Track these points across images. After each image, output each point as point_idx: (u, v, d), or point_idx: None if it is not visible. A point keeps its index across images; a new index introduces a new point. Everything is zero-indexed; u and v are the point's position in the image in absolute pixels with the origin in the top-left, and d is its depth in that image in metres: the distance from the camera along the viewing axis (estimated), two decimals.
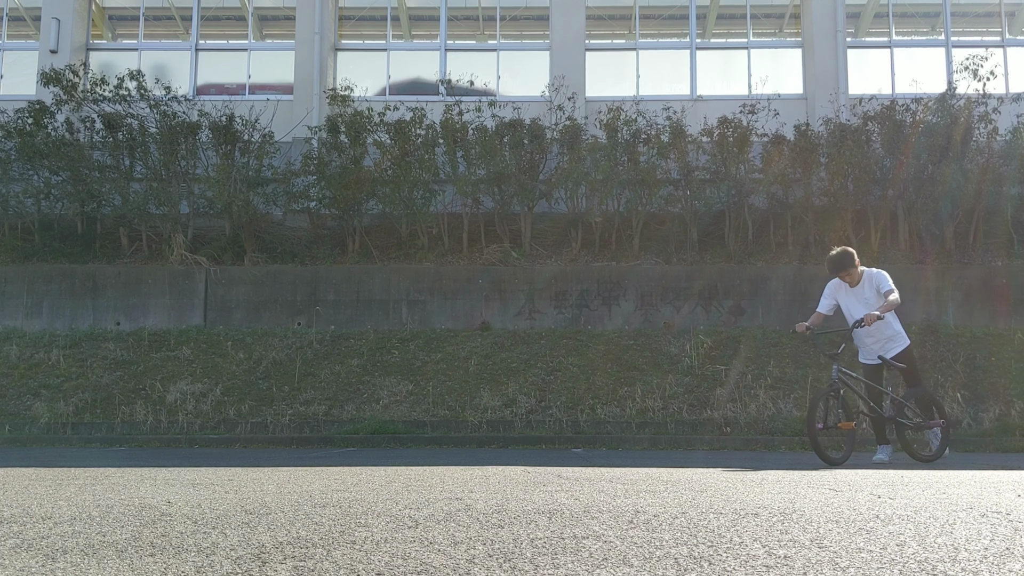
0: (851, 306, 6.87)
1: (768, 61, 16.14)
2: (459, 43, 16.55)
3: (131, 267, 12.17)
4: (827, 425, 6.44)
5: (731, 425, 9.27)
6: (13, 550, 2.39)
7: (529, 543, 2.49)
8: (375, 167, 12.46)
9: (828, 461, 6.29)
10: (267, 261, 12.38)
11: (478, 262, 12.25)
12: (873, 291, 6.77)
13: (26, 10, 17.13)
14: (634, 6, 16.54)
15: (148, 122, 12.63)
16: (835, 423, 6.49)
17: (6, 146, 12.46)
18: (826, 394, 6.56)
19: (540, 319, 11.56)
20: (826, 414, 6.50)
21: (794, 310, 11.36)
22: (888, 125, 12.26)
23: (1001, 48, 15.75)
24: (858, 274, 6.82)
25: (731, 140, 12.30)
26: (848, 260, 6.78)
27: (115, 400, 10.00)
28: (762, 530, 2.75)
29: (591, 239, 12.49)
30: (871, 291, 6.78)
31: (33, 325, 11.66)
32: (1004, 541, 2.56)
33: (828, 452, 6.37)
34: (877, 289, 6.75)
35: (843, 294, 6.90)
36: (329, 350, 11.00)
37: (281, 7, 17.01)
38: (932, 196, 12.07)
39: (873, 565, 2.18)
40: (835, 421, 6.49)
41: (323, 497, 3.73)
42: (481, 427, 9.39)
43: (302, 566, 2.16)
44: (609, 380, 10.16)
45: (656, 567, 2.14)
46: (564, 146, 12.51)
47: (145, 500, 3.60)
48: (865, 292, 6.80)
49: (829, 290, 6.99)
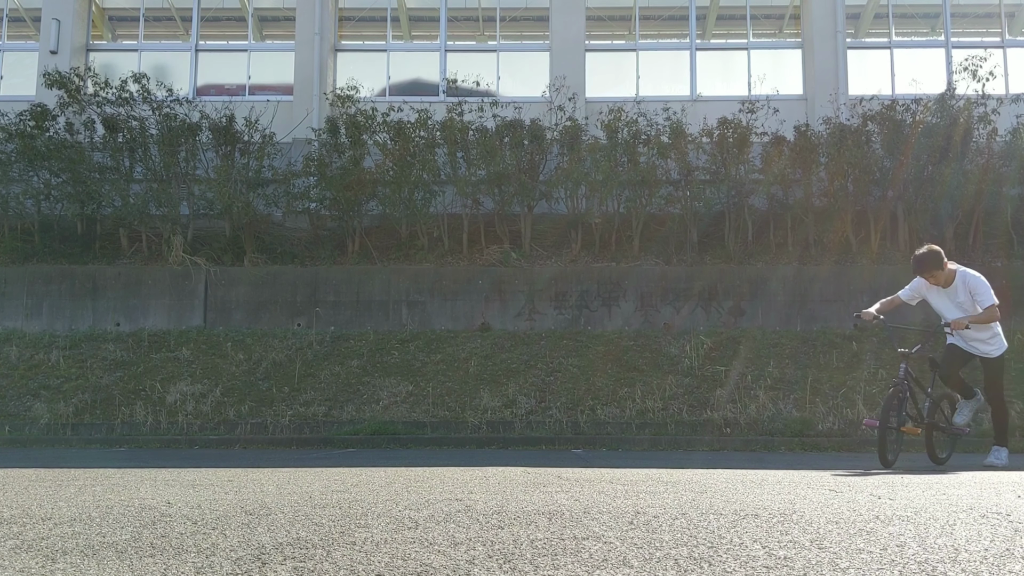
0: (942, 307, 6.49)
1: (768, 61, 16.14)
2: (459, 44, 16.56)
3: (131, 268, 12.17)
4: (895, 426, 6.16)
5: (731, 426, 9.26)
6: (13, 551, 2.39)
7: (529, 544, 2.49)
8: (375, 168, 12.47)
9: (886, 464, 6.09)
10: (267, 262, 12.37)
11: (478, 263, 12.25)
12: (967, 296, 6.37)
13: (26, 11, 17.13)
14: (634, 7, 16.54)
15: (149, 123, 12.63)
16: (899, 426, 6.19)
17: (7, 148, 12.46)
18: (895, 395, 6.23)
19: (540, 320, 11.56)
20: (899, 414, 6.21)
21: (794, 311, 11.36)
22: (888, 126, 12.26)
23: (1001, 49, 15.76)
24: (947, 275, 6.37)
25: (731, 140, 12.30)
26: (933, 262, 6.31)
27: (115, 401, 10.00)
28: (762, 531, 2.75)
29: (591, 240, 12.49)
30: (965, 295, 6.37)
31: (33, 326, 11.65)
32: (1004, 542, 2.56)
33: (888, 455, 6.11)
34: (971, 295, 6.34)
35: (933, 294, 6.50)
36: (329, 351, 11.00)
37: (281, 8, 17.01)
38: (932, 197, 12.06)
39: (873, 566, 2.18)
40: (899, 423, 6.19)
41: (323, 498, 3.73)
42: (481, 428, 9.39)
43: (302, 567, 2.16)
44: (609, 381, 10.16)
45: (656, 568, 2.14)
46: (564, 146, 12.50)
47: (145, 501, 3.60)
48: (959, 296, 6.39)
49: (916, 283, 6.54)
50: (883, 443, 6.06)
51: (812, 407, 9.42)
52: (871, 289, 11.35)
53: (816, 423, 9.18)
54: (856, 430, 9.02)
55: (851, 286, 11.42)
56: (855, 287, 11.40)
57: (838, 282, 11.50)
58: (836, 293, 11.42)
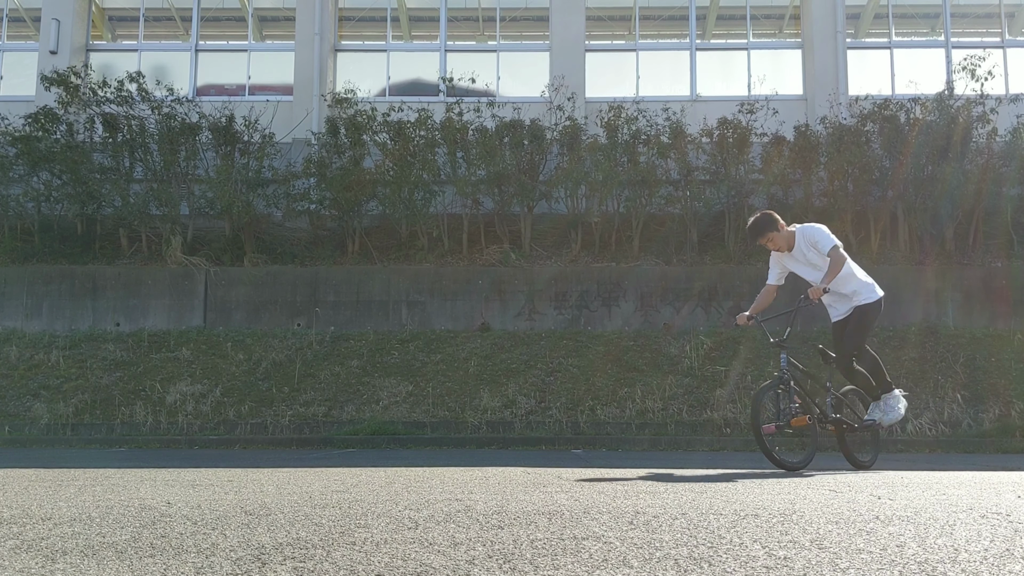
0: (802, 273, 5.92)
1: (768, 62, 16.14)
2: (459, 44, 16.56)
3: (131, 268, 12.17)
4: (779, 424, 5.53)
5: (731, 426, 9.27)
6: (13, 551, 2.39)
7: (529, 544, 2.49)
8: (375, 168, 12.47)
9: (781, 466, 5.49)
10: (267, 262, 12.38)
11: (478, 263, 12.25)
12: (812, 250, 5.75)
13: (26, 11, 17.13)
14: (634, 7, 16.54)
15: (149, 123, 12.63)
16: (787, 420, 5.53)
17: (9, 152, 12.44)
18: (773, 388, 5.64)
19: (540, 320, 11.56)
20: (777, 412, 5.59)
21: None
22: (887, 125, 12.26)
23: (1001, 49, 15.76)
24: (787, 237, 5.81)
25: (731, 140, 12.30)
26: (765, 224, 5.75)
27: (115, 401, 10.00)
28: (762, 531, 2.75)
29: (591, 240, 12.49)
30: (811, 251, 5.76)
31: (33, 326, 11.65)
32: (1004, 542, 2.56)
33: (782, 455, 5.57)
34: (815, 247, 5.71)
35: (788, 262, 5.95)
36: (329, 351, 11.00)
37: (281, 8, 17.01)
38: (932, 197, 12.06)
39: (873, 566, 2.18)
40: (787, 418, 5.54)
41: (323, 498, 3.73)
42: (481, 428, 9.39)
43: (302, 567, 2.16)
44: (609, 381, 10.16)
45: (656, 568, 2.14)
46: (564, 146, 12.51)
47: (145, 501, 3.60)
48: (807, 254, 5.79)
49: (772, 258, 6.05)
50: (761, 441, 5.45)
51: None
52: None
53: None
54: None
55: None
56: None
57: None
58: None
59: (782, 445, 5.89)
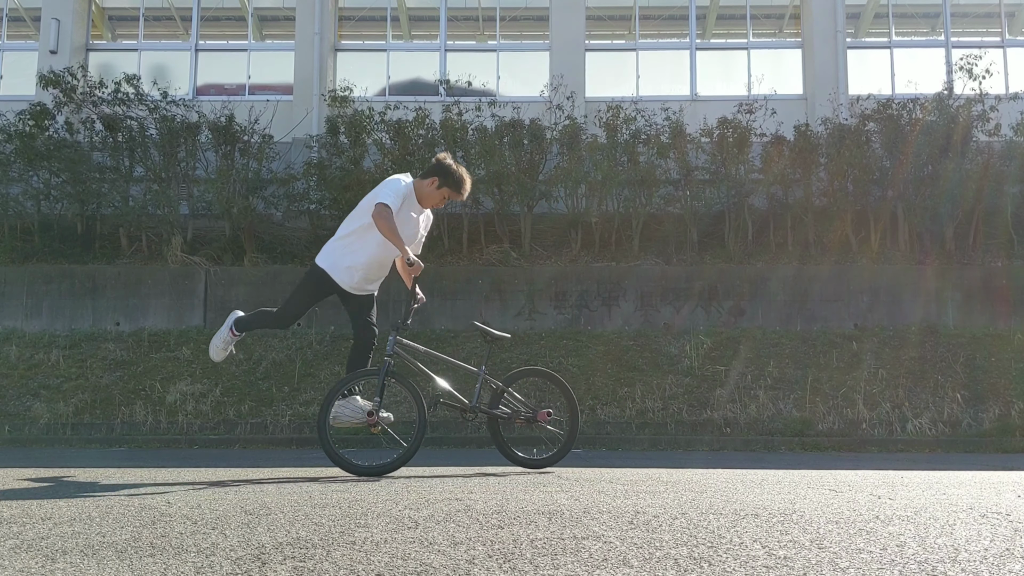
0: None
1: (768, 61, 16.14)
2: (459, 43, 16.56)
3: (131, 268, 12.17)
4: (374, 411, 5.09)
5: (731, 426, 9.27)
6: (13, 550, 2.39)
7: (529, 544, 2.49)
8: (375, 168, 12.46)
9: (349, 469, 4.89)
10: (267, 262, 12.37)
11: (477, 263, 12.25)
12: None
13: (26, 10, 17.13)
14: (634, 6, 16.55)
15: (148, 124, 12.62)
16: (376, 411, 5.16)
17: (6, 149, 12.44)
18: (341, 385, 5.17)
19: (540, 320, 11.56)
20: (380, 405, 5.17)
21: (794, 311, 11.35)
22: (887, 125, 12.26)
23: (1001, 48, 15.77)
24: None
25: (731, 140, 12.30)
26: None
27: (115, 401, 9.99)
28: (762, 531, 2.75)
29: (591, 239, 12.49)
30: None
31: (33, 326, 11.65)
32: (1004, 542, 2.56)
33: (346, 455, 5.05)
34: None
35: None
36: (329, 351, 11.00)
37: (281, 7, 17.01)
38: (932, 196, 12.06)
39: (873, 566, 2.18)
40: (375, 411, 5.19)
41: (323, 498, 3.73)
42: (481, 428, 9.38)
43: (302, 567, 2.16)
44: (609, 381, 10.16)
45: (656, 568, 2.14)
46: (564, 146, 12.50)
47: (145, 501, 3.60)
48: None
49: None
50: (325, 442, 4.92)
51: (812, 407, 9.42)
52: (871, 289, 11.37)
53: (816, 423, 9.19)
54: (856, 430, 9.04)
55: (851, 286, 11.42)
56: (855, 287, 11.40)
57: (838, 282, 11.50)
58: (836, 293, 11.42)
59: None
